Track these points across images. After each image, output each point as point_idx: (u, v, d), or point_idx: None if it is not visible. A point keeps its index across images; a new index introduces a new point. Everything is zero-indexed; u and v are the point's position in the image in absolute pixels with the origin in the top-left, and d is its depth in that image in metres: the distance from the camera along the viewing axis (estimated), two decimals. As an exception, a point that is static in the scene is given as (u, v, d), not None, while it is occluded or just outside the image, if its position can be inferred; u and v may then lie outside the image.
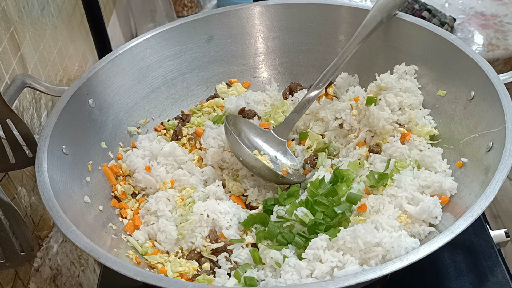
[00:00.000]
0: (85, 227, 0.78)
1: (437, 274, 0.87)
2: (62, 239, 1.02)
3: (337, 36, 1.06)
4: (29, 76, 0.91)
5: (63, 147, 0.85)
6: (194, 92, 1.09)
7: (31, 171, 0.93)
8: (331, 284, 0.63)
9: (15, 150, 0.81)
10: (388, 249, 0.73)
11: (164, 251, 0.85)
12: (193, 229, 0.84)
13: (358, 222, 0.79)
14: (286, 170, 0.92)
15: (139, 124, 1.02)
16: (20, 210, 0.82)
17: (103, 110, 0.96)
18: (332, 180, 0.86)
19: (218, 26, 1.08)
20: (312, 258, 0.74)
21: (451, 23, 1.65)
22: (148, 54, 1.03)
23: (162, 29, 1.05)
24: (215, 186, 0.90)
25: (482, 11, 1.76)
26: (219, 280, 0.78)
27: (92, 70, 0.96)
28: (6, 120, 0.78)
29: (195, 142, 1.00)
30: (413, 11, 1.64)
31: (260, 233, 0.82)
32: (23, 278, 0.88)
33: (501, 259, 0.89)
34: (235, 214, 0.85)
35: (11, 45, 0.90)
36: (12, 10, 0.92)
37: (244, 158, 0.89)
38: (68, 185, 0.82)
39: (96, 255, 0.68)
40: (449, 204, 0.81)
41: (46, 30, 1.06)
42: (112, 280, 0.91)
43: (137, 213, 0.90)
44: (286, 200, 0.86)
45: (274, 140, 0.96)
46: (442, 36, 0.92)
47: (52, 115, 0.86)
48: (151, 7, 1.63)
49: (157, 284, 0.65)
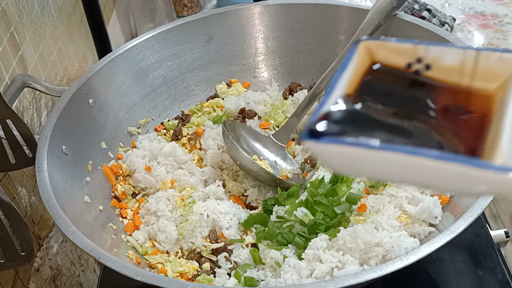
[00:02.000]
0: (85, 227, 0.78)
1: (437, 274, 0.87)
2: (62, 239, 1.02)
3: (337, 36, 1.06)
4: (29, 76, 0.91)
5: (63, 147, 0.85)
6: (194, 92, 1.09)
7: (31, 171, 0.93)
8: (331, 284, 0.63)
9: (15, 150, 0.81)
10: (388, 249, 0.73)
11: (164, 251, 0.85)
12: (193, 229, 0.84)
13: (358, 222, 0.79)
14: (285, 175, 0.92)
15: (139, 124, 1.02)
16: (20, 210, 0.82)
17: (103, 110, 0.96)
18: (332, 180, 0.86)
19: (218, 26, 1.08)
20: (312, 258, 0.74)
21: (451, 23, 1.65)
22: (148, 54, 1.03)
23: (162, 29, 1.05)
24: (215, 186, 0.90)
25: (482, 11, 1.76)
26: (219, 280, 0.78)
27: (92, 70, 0.96)
28: (6, 120, 0.78)
29: (195, 142, 1.00)
30: (413, 11, 1.63)
31: (260, 233, 0.82)
32: (23, 278, 0.88)
33: (501, 259, 0.89)
34: (235, 214, 0.85)
35: (11, 45, 0.90)
36: (12, 10, 0.92)
37: (241, 162, 0.89)
38: (68, 185, 0.82)
39: (96, 255, 0.68)
40: (449, 204, 0.81)
41: (46, 30, 1.06)
42: (112, 280, 0.91)
43: (137, 213, 0.90)
44: (286, 200, 0.86)
45: (273, 145, 0.96)
46: (442, 36, 0.92)
47: (52, 115, 0.86)
48: (151, 7, 1.63)
49: (157, 284, 0.65)
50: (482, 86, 0.32)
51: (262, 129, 1.00)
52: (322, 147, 0.27)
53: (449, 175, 0.27)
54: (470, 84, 0.32)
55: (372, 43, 0.34)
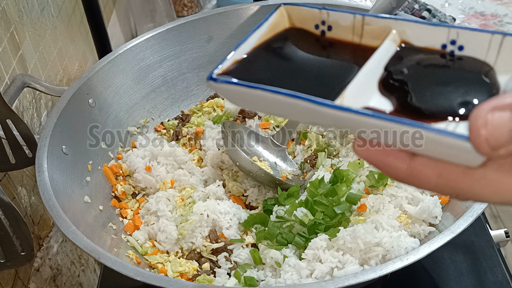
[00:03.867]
0: (85, 227, 0.78)
1: (437, 274, 0.87)
2: (62, 239, 1.02)
3: (337, 36, 1.06)
4: (29, 76, 0.91)
5: (63, 147, 0.85)
6: (194, 92, 1.09)
7: (31, 171, 0.93)
8: (331, 284, 0.63)
9: (15, 150, 0.81)
10: (388, 249, 0.73)
11: (164, 251, 0.85)
12: (193, 229, 0.84)
13: (358, 222, 0.79)
14: (285, 176, 0.92)
15: (139, 124, 1.02)
16: (20, 210, 0.82)
17: (103, 110, 0.96)
18: (332, 180, 0.86)
19: (218, 26, 1.08)
20: (312, 258, 0.74)
21: (451, 23, 1.65)
22: (148, 54, 1.03)
23: (162, 29, 1.05)
24: (215, 186, 0.90)
25: (482, 11, 1.76)
26: (219, 280, 0.78)
27: (92, 70, 0.96)
28: (6, 120, 0.78)
29: (195, 142, 1.00)
30: (413, 11, 1.63)
31: (260, 233, 0.82)
32: (23, 278, 0.88)
33: (501, 259, 0.89)
34: (235, 214, 0.85)
35: (11, 45, 0.90)
36: (12, 10, 0.92)
37: (240, 163, 0.89)
38: (68, 185, 0.82)
39: (96, 255, 0.68)
40: (449, 204, 0.81)
41: (46, 30, 1.06)
42: (112, 280, 0.91)
43: (137, 213, 0.90)
44: (286, 200, 0.86)
45: (273, 146, 0.96)
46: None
47: (52, 115, 0.86)
48: (151, 7, 1.63)
49: (157, 284, 0.65)
50: (369, 43, 0.40)
51: (262, 129, 1.00)
52: (217, 85, 0.37)
53: (300, 109, 0.35)
54: (360, 41, 0.41)
55: (288, 8, 0.43)
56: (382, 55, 0.38)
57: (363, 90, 0.36)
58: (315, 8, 0.42)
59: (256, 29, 0.41)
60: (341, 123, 0.34)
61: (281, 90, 0.35)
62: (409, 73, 0.37)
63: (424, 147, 0.33)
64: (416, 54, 0.38)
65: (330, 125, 0.36)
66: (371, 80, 0.37)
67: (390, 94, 0.36)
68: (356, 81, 0.36)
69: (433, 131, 0.31)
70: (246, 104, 0.39)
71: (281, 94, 0.35)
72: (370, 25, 0.40)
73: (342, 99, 0.35)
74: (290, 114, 0.37)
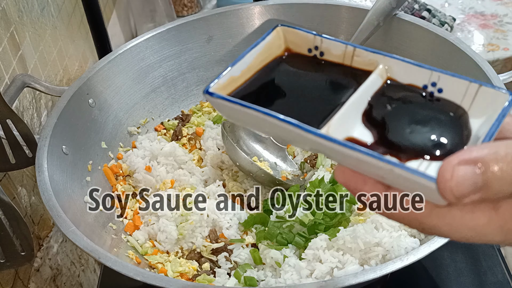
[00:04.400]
0: (85, 227, 0.78)
1: (437, 274, 0.87)
2: (62, 239, 1.02)
3: (337, 36, 1.05)
4: (29, 76, 0.91)
5: (63, 147, 0.85)
6: (194, 92, 1.09)
7: (31, 171, 0.93)
8: (331, 284, 0.63)
9: (15, 150, 0.81)
10: (388, 249, 0.73)
11: (164, 251, 0.85)
12: (193, 229, 0.84)
13: (358, 222, 0.79)
14: (285, 176, 0.92)
15: (139, 124, 1.02)
16: (20, 210, 0.82)
17: (103, 110, 0.96)
18: (332, 180, 0.86)
19: (218, 26, 1.08)
20: (312, 258, 0.74)
21: (451, 23, 1.65)
22: (148, 54, 1.03)
23: (162, 29, 1.05)
24: (215, 186, 0.90)
25: (482, 11, 1.76)
26: (219, 280, 0.78)
27: (92, 70, 0.96)
28: (6, 120, 0.78)
29: (195, 142, 1.00)
30: (413, 11, 1.63)
31: (260, 233, 0.82)
32: (23, 278, 0.88)
33: (501, 259, 0.89)
34: (235, 214, 0.85)
35: (11, 45, 0.90)
36: (12, 10, 0.92)
37: (240, 163, 0.89)
38: (68, 185, 0.82)
39: (96, 255, 0.68)
40: (449, 204, 0.81)
41: (46, 30, 1.06)
42: (112, 280, 0.91)
43: (137, 213, 0.90)
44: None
45: (273, 146, 0.96)
46: (442, 36, 0.92)
47: (52, 115, 0.86)
48: (151, 7, 1.63)
49: (157, 284, 0.65)
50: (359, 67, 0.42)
51: (262, 129, 1.00)
52: (213, 100, 0.40)
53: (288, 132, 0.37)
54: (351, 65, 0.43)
55: (285, 29, 0.44)
56: (368, 89, 0.40)
57: (348, 120, 0.38)
58: (310, 33, 0.44)
59: (253, 47, 0.43)
60: (324, 150, 0.37)
61: (273, 113, 0.37)
62: (390, 109, 0.39)
63: (396, 182, 0.36)
64: (398, 91, 0.41)
65: (314, 150, 0.39)
66: (356, 112, 0.39)
67: (372, 127, 0.39)
68: (342, 111, 0.38)
69: (406, 170, 0.34)
70: (238, 120, 0.41)
71: (272, 117, 0.37)
72: (360, 57, 0.42)
73: (328, 128, 0.37)
74: (279, 134, 0.39)
